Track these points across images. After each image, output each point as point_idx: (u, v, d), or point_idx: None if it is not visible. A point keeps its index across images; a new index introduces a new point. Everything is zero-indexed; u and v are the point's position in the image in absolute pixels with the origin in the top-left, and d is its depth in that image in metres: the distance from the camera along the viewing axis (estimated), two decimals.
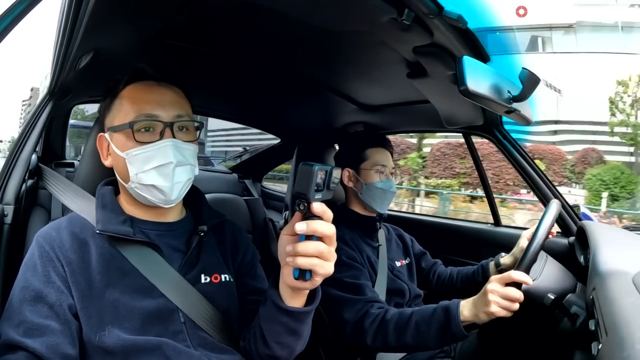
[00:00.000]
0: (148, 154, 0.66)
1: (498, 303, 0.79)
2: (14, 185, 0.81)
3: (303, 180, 0.49)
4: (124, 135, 0.67)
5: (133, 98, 0.69)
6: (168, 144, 0.66)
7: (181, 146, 0.68)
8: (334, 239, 0.54)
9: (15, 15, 0.55)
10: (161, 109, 0.68)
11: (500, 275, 0.82)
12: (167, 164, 0.66)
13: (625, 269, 0.73)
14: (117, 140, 0.68)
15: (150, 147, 0.66)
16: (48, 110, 0.92)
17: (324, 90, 1.23)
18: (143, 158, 0.66)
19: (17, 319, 0.57)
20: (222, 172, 2.00)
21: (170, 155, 0.66)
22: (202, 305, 0.69)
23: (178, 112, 0.69)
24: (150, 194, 0.68)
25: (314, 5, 0.67)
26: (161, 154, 0.66)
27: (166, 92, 0.70)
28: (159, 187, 0.66)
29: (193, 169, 0.71)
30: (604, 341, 0.55)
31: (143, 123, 0.67)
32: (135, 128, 0.66)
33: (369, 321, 0.94)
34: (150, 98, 0.68)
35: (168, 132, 0.67)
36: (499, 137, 1.28)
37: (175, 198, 0.69)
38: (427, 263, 1.32)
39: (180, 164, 0.67)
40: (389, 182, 1.18)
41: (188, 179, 0.70)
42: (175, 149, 0.67)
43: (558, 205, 0.95)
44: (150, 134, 0.67)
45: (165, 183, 0.66)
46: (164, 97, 0.69)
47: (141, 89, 0.70)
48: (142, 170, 0.66)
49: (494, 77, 0.74)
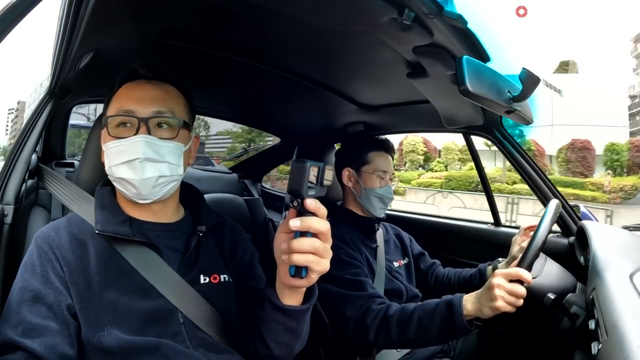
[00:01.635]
0: (120, 148, 0.67)
1: (504, 298, 0.79)
2: (14, 185, 0.81)
3: (296, 177, 0.50)
4: (106, 130, 0.69)
5: (120, 95, 0.70)
6: (139, 139, 0.66)
7: (155, 142, 0.67)
8: (329, 236, 0.54)
9: (15, 15, 0.55)
10: (139, 105, 0.68)
11: (507, 270, 0.83)
12: (134, 160, 0.66)
13: (625, 269, 0.73)
14: (104, 134, 0.70)
15: (122, 142, 0.67)
16: (48, 110, 0.92)
17: (324, 90, 1.23)
18: (116, 152, 0.67)
19: (16, 319, 0.57)
20: (222, 172, 2.00)
21: (139, 151, 0.65)
22: (201, 305, 0.69)
23: (158, 108, 0.69)
24: (123, 187, 0.68)
25: (314, 5, 0.67)
26: (131, 149, 0.66)
27: (151, 89, 0.70)
28: (129, 181, 0.66)
29: (173, 168, 0.69)
30: (604, 341, 0.55)
31: (119, 118, 0.68)
32: (109, 122, 0.68)
33: (371, 317, 0.94)
34: (133, 94, 0.70)
35: (143, 128, 0.67)
36: (499, 137, 1.28)
37: (148, 193, 0.68)
38: (425, 264, 1.32)
39: (150, 160, 0.66)
40: (388, 188, 1.18)
41: (161, 176, 0.67)
42: (146, 145, 0.66)
43: (558, 205, 0.95)
44: (127, 129, 0.68)
45: (134, 176, 0.66)
46: (145, 93, 0.70)
47: (130, 87, 0.71)
48: (114, 164, 0.67)
49: (494, 77, 0.74)
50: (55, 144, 1.32)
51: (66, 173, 1.17)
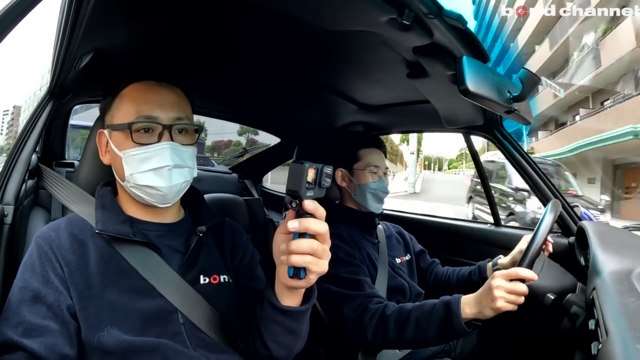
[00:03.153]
0: (145, 155, 0.66)
1: (505, 298, 0.79)
2: (14, 186, 0.81)
3: (294, 178, 0.50)
4: (123, 134, 0.67)
5: (133, 97, 0.69)
6: (166, 146, 0.66)
7: (179, 149, 0.68)
8: (327, 237, 0.54)
9: (15, 15, 0.55)
10: (160, 110, 0.68)
11: (506, 271, 0.82)
12: (163, 167, 0.66)
13: (625, 269, 0.73)
14: (115, 138, 0.68)
15: (147, 149, 0.66)
16: (48, 111, 0.92)
17: (324, 90, 1.23)
18: (140, 159, 0.66)
19: (16, 319, 0.57)
20: (222, 172, 2.00)
21: (168, 159, 0.66)
22: (201, 306, 0.69)
23: (177, 114, 0.69)
24: (145, 194, 0.68)
25: (314, 5, 0.67)
26: (159, 157, 0.66)
27: (166, 92, 0.70)
28: (157, 188, 0.66)
29: (191, 172, 0.71)
30: (604, 341, 0.55)
31: (142, 124, 0.66)
32: (133, 129, 0.66)
33: (369, 316, 0.94)
34: (150, 98, 0.68)
35: (166, 135, 0.67)
36: (499, 137, 1.28)
37: (172, 198, 0.69)
38: (425, 262, 1.33)
39: (177, 166, 0.67)
40: (382, 182, 1.18)
41: (185, 181, 0.70)
42: (173, 152, 0.67)
43: (558, 205, 0.95)
44: (149, 135, 0.67)
45: (163, 184, 0.66)
46: (164, 98, 0.69)
47: (141, 89, 0.69)
48: (138, 171, 0.66)
49: (494, 77, 0.74)
50: (55, 144, 1.32)
51: (66, 173, 1.17)
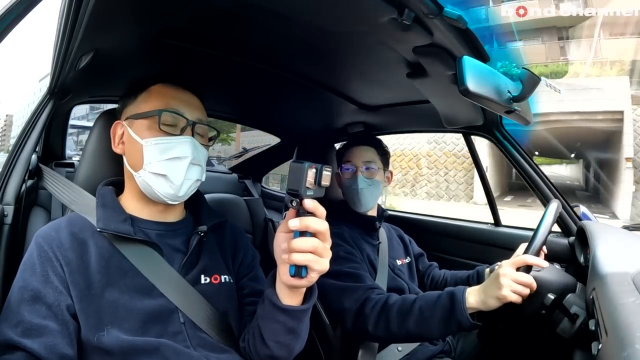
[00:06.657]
0: (168, 145, 0.68)
1: (511, 287, 0.78)
2: (14, 185, 0.81)
3: (294, 177, 0.51)
4: (147, 123, 0.70)
5: (162, 93, 0.72)
6: (188, 140, 0.69)
7: (198, 146, 0.71)
8: (328, 236, 0.54)
9: (15, 15, 0.55)
10: (187, 108, 0.72)
11: (513, 259, 0.82)
12: (183, 158, 0.68)
13: (625, 269, 0.73)
14: (138, 126, 0.70)
15: (171, 139, 0.69)
16: (48, 111, 0.92)
17: (324, 91, 1.23)
18: (162, 148, 0.68)
19: (15, 319, 0.57)
20: (222, 172, 2.00)
21: (189, 151, 0.69)
22: (201, 305, 0.69)
23: (200, 116, 0.74)
24: (158, 186, 0.68)
25: (314, 5, 0.67)
26: (180, 148, 0.68)
27: (191, 96, 0.76)
28: (170, 179, 0.68)
29: (203, 172, 0.73)
30: (604, 341, 0.55)
31: (170, 115, 0.70)
32: (162, 117, 0.69)
33: (370, 306, 0.93)
34: (178, 96, 0.73)
35: (189, 130, 0.71)
36: (499, 137, 1.28)
37: (183, 195, 0.70)
38: (423, 265, 1.33)
39: (194, 162, 0.70)
40: (353, 180, 1.17)
41: (197, 180, 0.72)
42: (193, 146, 0.70)
43: (558, 205, 0.95)
44: (173, 127, 0.70)
45: (177, 176, 0.68)
46: (190, 100, 0.74)
47: (170, 88, 0.74)
48: (158, 160, 0.68)
49: (494, 77, 0.75)
50: (55, 144, 1.32)
51: (66, 173, 1.17)
